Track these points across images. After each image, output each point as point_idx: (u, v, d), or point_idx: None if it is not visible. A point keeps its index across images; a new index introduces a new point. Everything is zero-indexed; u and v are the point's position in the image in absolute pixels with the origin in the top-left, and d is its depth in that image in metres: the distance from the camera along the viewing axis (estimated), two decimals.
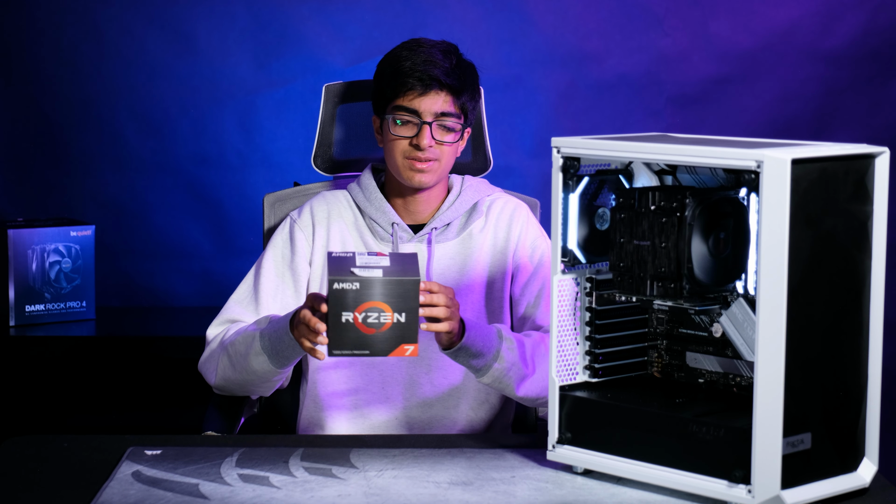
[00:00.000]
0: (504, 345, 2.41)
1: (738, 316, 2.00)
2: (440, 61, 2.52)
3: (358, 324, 2.15)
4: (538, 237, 2.63)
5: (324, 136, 2.76)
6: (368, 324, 2.15)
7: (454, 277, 2.58)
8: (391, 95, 2.54)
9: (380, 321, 2.15)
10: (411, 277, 2.15)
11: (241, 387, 2.52)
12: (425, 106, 2.52)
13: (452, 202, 2.61)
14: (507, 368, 2.41)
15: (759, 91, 3.94)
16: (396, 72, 2.53)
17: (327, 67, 3.87)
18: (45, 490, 2.02)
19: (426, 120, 2.51)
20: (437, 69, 2.51)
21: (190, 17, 3.88)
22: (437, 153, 2.53)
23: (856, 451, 1.98)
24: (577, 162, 2.08)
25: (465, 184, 2.64)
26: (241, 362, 2.45)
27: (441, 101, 2.52)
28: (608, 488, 2.03)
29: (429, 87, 2.51)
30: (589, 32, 3.92)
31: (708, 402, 2.05)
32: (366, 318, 2.15)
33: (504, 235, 2.62)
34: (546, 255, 2.60)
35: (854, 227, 1.94)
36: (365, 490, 2.02)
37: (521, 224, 2.62)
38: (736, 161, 1.88)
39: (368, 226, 2.61)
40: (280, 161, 3.90)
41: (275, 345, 2.39)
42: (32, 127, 3.91)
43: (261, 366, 2.43)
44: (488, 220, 2.62)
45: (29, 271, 3.63)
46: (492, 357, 2.40)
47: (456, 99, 2.53)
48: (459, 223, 2.61)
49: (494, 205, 2.64)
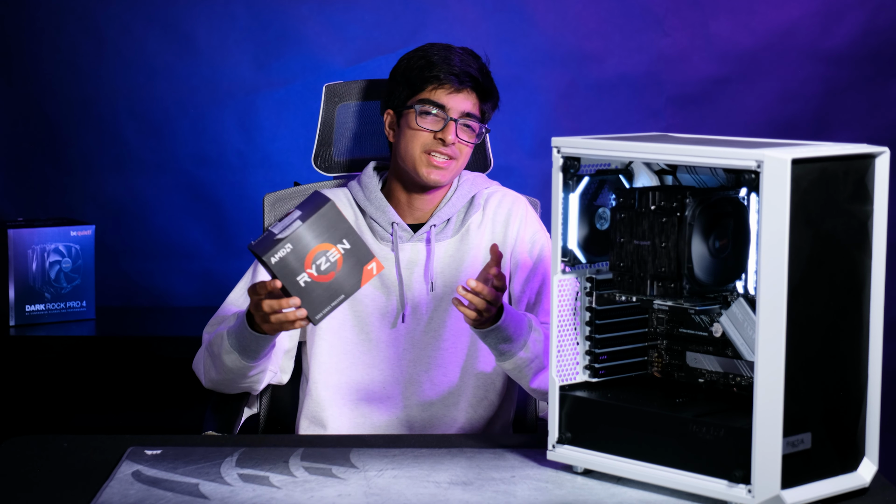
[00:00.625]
0: (532, 335, 2.41)
1: (739, 316, 2.00)
2: (473, 62, 2.56)
3: (316, 278, 2.16)
4: (537, 231, 2.63)
5: (324, 135, 2.76)
6: (324, 271, 2.17)
7: (454, 275, 2.58)
8: (419, 88, 2.54)
9: (331, 262, 2.17)
10: (326, 204, 2.17)
11: (226, 385, 2.52)
12: (455, 103, 2.53)
13: (450, 197, 2.61)
14: (531, 359, 2.42)
15: (759, 91, 3.94)
16: (430, 65, 2.54)
17: (327, 67, 3.87)
18: (45, 490, 2.02)
19: (453, 116, 2.52)
20: (472, 69, 2.54)
21: (190, 17, 3.88)
22: (456, 151, 2.54)
23: (856, 450, 1.98)
24: (577, 162, 2.08)
25: (462, 178, 2.65)
26: (218, 363, 2.46)
27: (471, 101, 2.55)
28: (608, 488, 2.03)
29: (464, 83, 2.53)
30: (589, 32, 3.92)
31: (708, 402, 2.05)
32: (318, 267, 2.17)
33: (502, 231, 2.61)
34: (546, 249, 2.60)
35: (854, 227, 1.94)
36: (365, 490, 2.02)
37: (519, 219, 2.62)
38: (736, 161, 1.88)
39: (369, 225, 2.61)
40: (280, 161, 3.90)
41: (240, 341, 2.40)
42: (32, 127, 3.91)
43: (233, 363, 2.44)
44: (486, 214, 2.62)
45: (29, 271, 3.63)
46: (520, 345, 2.40)
47: (482, 103, 2.57)
48: (457, 219, 2.61)
49: (492, 198, 2.64)
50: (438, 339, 2.58)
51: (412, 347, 2.58)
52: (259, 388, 2.57)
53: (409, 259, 2.58)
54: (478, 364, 2.59)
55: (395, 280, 2.58)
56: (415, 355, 2.58)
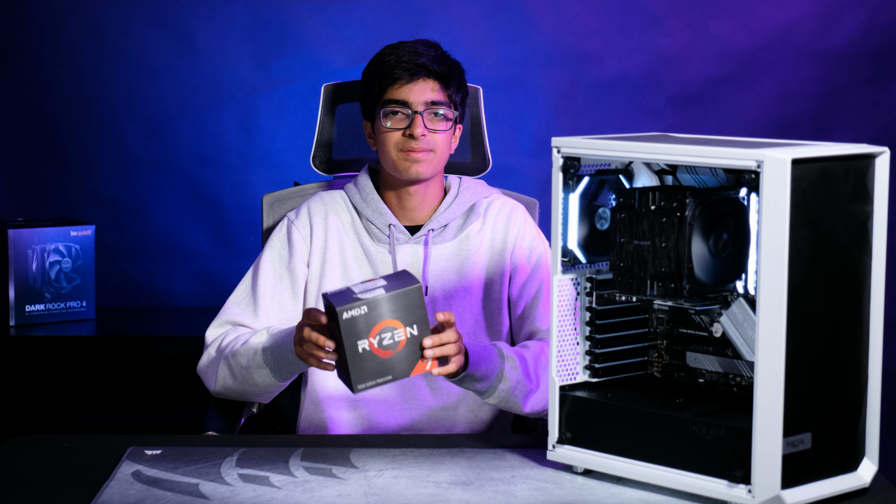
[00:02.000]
0: (507, 364, 2.40)
1: (739, 316, 2.00)
2: (424, 51, 2.54)
3: (375, 350, 2.13)
4: (535, 238, 2.63)
5: (322, 135, 2.77)
6: (384, 346, 2.13)
7: (451, 279, 2.58)
8: (379, 91, 2.54)
9: (395, 340, 2.14)
10: (413, 285, 2.14)
11: (241, 395, 2.53)
12: (415, 95, 2.52)
13: (450, 203, 2.61)
14: (513, 388, 2.41)
15: (759, 91, 3.94)
16: (382, 66, 2.55)
17: (327, 67, 3.87)
18: (45, 490, 2.02)
19: (417, 109, 2.52)
20: (422, 58, 2.53)
21: (190, 17, 3.88)
22: (431, 143, 2.53)
23: (856, 450, 1.98)
24: (577, 162, 2.08)
25: (462, 185, 2.64)
26: (242, 374, 2.46)
27: (429, 89, 2.53)
28: (608, 488, 2.03)
29: (416, 74, 2.52)
30: (589, 32, 3.92)
31: (708, 402, 2.05)
32: (381, 340, 2.13)
33: (501, 237, 2.61)
34: (543, 257, 2.60)
35: (854, 227, 1.94)
36: (365, 490, 2.02)
37: (518, 225, 2.62)
38: (736, 161, 1.88)
39: (365, 227, 2.61)
40: (280, 161, 3.90)
41: (278, 360, 2.40)
42: (33, 127, 3.91)
43: (263, 379, 2.44)
44: (486, 221, 2.62)
45: (29, 271, 3.63)
46: (496, 378, 2.39)
47: (444, 87, 2.55)
48: (457, 225, 2.61)
49: (492, 206, 2.64)
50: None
51: None
52: (269, 400, 2.58)
53: (406, 262, 2.58)
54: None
55: None
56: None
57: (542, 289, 2.58)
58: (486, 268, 2.60)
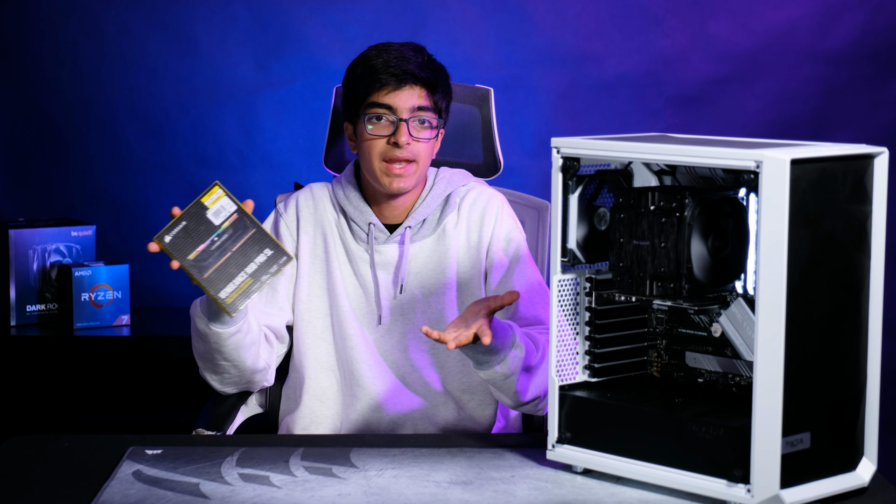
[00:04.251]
0: (513, 353, 2.36)
1: (738, 316, 2.01)
2: (412, 57, 2.52)
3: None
4: (512, 229, 2.60)
5: (334, 136, 2.76)
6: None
7: (430, 276, 2.57)
8: (364, 94, 2.52)
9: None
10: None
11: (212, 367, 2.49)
12: (401, 101, 2.51)
13: (424, 198, 2.59)
14: (507, 375, 2.36)
15: (759, 91, 3.95)
16: (368, 70, 2.52)
17: (327, 68, 3.87)
18: (45, 490, 2.02)
19: (402, 117, 2.50)
20: (410, 64, 2.51)
21: (190, 17, 3.88)
22: (414, 152, 2.51)
23: (855, 450, 1.98)
24: (576, 162, 2.08)
25: (438, 176, 2.62)
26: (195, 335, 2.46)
27: (416, 95, 2.51)
28: (608, 488, 2.04)
29: (403, 81, 2.51)
30: (589, 32, 3.93)
31: (707, 402, 2.05)
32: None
33: (477, 230, 2.58)
34: (522, 247, 2.58)
35: (853, 227, 1.95)
36: (365, 489, 2.02)
37: (493, 218, 2.59)
38: (735, 161, 1.89)
39: (349, 225, 2.60)
40: (280, 161, 3.90)
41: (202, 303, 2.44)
42: (33, 127, 3.92)
43: (203, 327, 2.43)
44: (461, 214, 2.59)
45: (30, 271, 3.63)
46: (499, 359, 2.37)
47: (430, 94, 2.53)
48: (433, 218, 2.60)
49: (467, 197, 2.60)
50: (419, 341, 2.57)
51: (392, 349, 2.58)
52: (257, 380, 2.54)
53: (386, 261, 2.57)
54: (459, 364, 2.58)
55: (371, 282, 2.57)
56: (396, 357, 2.58)
57: (530, 280, 2.55)
58: (462, 264, 2.58)
